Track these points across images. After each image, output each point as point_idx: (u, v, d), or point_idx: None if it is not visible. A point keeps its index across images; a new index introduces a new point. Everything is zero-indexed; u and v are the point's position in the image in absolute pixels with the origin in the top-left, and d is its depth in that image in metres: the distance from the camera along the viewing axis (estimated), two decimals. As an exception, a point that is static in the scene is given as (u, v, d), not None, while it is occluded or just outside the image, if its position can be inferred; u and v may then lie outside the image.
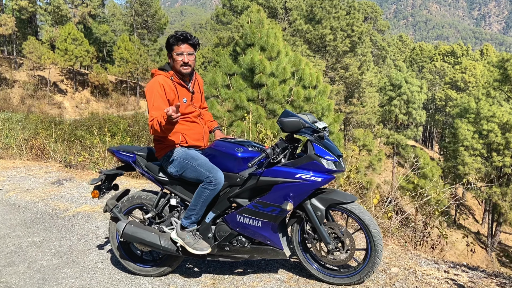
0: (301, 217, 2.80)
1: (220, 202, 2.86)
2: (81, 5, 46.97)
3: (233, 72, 11.08)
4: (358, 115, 38.23)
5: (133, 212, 3.26)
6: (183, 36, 2.82)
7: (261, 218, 2.73)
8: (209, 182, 2.71)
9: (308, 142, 2.66)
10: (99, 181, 3.12)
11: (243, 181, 2.78)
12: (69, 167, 8.23)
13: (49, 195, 6.10)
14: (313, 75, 10.92)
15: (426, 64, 66.03)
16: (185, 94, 2.93)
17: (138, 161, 3.06)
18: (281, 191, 2.63)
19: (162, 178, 2.98)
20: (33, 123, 21.59)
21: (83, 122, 27.54)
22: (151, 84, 2.82)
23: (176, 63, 2.86)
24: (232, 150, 2.81)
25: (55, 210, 5.28)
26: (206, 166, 2.76)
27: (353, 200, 2.65)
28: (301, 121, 2.59)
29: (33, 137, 10.92)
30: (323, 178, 2.59)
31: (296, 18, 34.44)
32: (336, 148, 2.69)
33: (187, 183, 2.90)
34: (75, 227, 4.50)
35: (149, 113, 2.77)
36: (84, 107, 40.26)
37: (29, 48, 38.12)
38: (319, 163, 2.59)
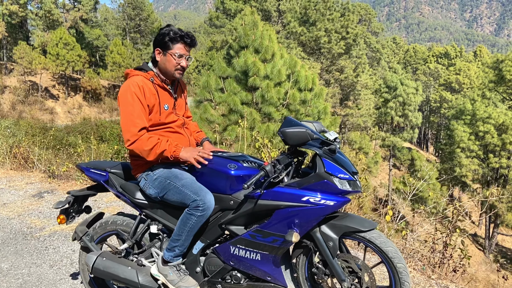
0: (309, 248, 2.30)
1: (210, 230, 2.36)
2: (72, 10, 46.39)
3: (227, 75, 10.78)
4: (353, 118, 37.96)
5: (108, 239, 2.76)
6: (191, 39, 2.38)
7: (260, 250, 2.23)
8: (196, 207, 2.22)
9: (316, 156, 2.17)
10: (66, 203, 2.61)
11: (238, 204, 2.28)
12: (52, 178, 7.73)
13: (27, 210, 5.59)
14: (309, 77, 10.63)
15: (420, 66, 66.12)
16: (167, 99, 2.44)
17: (111, 180, 2.54)
18: (285, 217, 2.14)
19: (140, 201, 2.47)
20: (23, 129, 21.01)
21: (74, 128, 26.97)
22: (128, 86, 2.29)
23: (171, 64, 2.36)
24: (224, 167, 2.31)
25: (30, 228, 4.77)
26: (192, 187, 2.27)
27: (373, 227, 2.15)
28: (308, 132, 2.10)
29: (17, 145, 10.37)
30: (336, 202, 2.10)
31: (290, 20, 34.16)
32: (350, 164, 2.20)
33: (170, 206, 2.41)
34: (49, 250, 3.99)
35: (128, 121, 2.26)
36: (76, 113, 39.60)
37: (20, 53, 37.46)
38: (330, 182, 2.10)
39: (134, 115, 2.26)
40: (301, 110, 10.67)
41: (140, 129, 2.27)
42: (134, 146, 2.28)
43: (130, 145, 2.28)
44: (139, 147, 2.27)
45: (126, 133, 2.27)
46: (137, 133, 2.26)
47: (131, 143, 2.27)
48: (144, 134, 2.29)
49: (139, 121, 2.27)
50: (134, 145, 2.27)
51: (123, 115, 2.29)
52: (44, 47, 41.98)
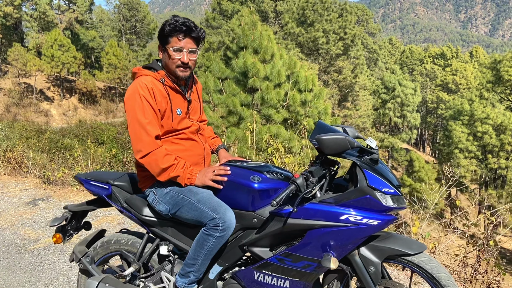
0: (345, 273, 1.99)
1: (229, 251, 2.05)
2: (67, 11, 45.98)
3: (226, 76, 10.60)
4: (352, 119, 37.79)
5: (111, 260, 2.44)
6: (186, 26, 1.99)
7: (289, 276, 1.92)
8: (215, 226, 1.91)
9: (356, 167, 1.88)
10: (62, 220, 2.29)
11: (262, 223, 1.97)
12: (47, 183, 7.41)
13: (20, 219, 5.28)
14: (309, 78, 10.47)
15: (416, 67, 66.20)
16: (180, 103, 2.12)
17: (114, 195, 2.23)
18: (319, 239, 1.83)
19: (148, 218, 2.15)
20: (18, 132, 20.61)
21: (70, 130, 26.59)
22: (136, 87, 1.97)
23: (171, 62, 2.03)
24: (246, 180, 1.98)
25: (24, 240, 4.47)
26: (210, 202, 1.96)
27: (422, 250, 1.85)
28: (348, 139, 1.78)
29: (11, 149, 10.02)
30: (381, 221, 1.79)
31: (287, 21, 33.97)
32: (393, 176, 1.90)
33: (184, 224, 2.10)
34: (44, 266, 3.68)
35: (139, 129, 1.95)
36: (71, 115, 39.18)
37: (14, 55, 37.03)
38: (374, 198, 1.79)
39: (146, 121, 1.95)
40: (301, 111, 10.49)
41: (154, 137, 1.96)
42: (146, 160, 1.97)
43: (143, 158, 1.96)
44: (152, 162, 1.96)
45: (138, 143, 1.95)
46: (153, 143, 1.94)
47: (144, 155, 1.95)
48: (161, 147, 1.98)
49: (152, 128, 1.95)
50: (147, 159, 1.96)
51: (132, 122, 1.96)
52: (39, 49, 41.56)
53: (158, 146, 1.97)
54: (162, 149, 1.98)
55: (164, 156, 1.96)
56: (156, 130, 1.98)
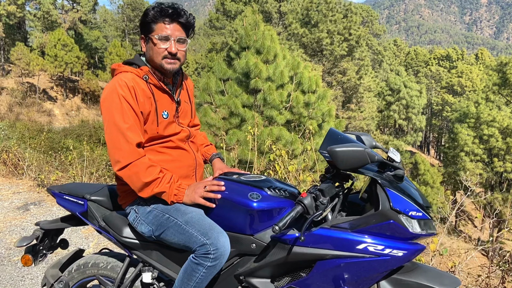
0: None
1: (222, 281, 1.73)
2: (71, 11, 45.92)
3: (228, 77, 10.40)
4: (356, 121, 37.52)
5: (88, 285, 2.13)
6: (173, 9, 1.70)
7: None
8: (206, 254, 1.58)
9: (376, 185, 1.56)
10: (33, 240, 1.99)
11: (262, 249, 1.66)
12: (41, 187, 7.15)
13: (9, 225, 5.01)
14: (312, 79, 10.24)
15: (421, 69, 65.82)
16: (167, 104, 1.80)
17: (91, 212, 1.91)
18: (331, 271, 1.52)
19: (129, 240, 1.84)
20: (19, 132, 20.44)
21: (72, 130, 26.45)
22: (113, 87, 1.66)
23: (156, 52, 1.72)
24: (244, 198, 1.65)
25: (9, 250, 4.19)
26: (200, 225, 1.63)
27: (456, 285, 1.54)
28: (368, 151, 1.44)
29: (7, 150, 9.77)
30: (407, 251, 1.47)
31: (291, 21, 33.73)
32: (420, 195, 1.58)
33: (170, 248, 1.79)
34: (25, 281, 3.38)
35: (118, 135, 1.63)
36: (74, 115, 39.10)
37: (18, 55, 36.98)
38: (399, 224, 1.47)
39: (126, 127, 1.64)
40: (305, 113, 10.25)
41: (136, 144, 1.65)
42: (125, 173, 1.66)
43: (121, 170, 1.65)
44: (133, 175, 1.65)
45: (116, 152, 1.65)
46: (133, 152, 1.64)
47: (123, 166, 1.65)
48: (144, 157, 1.68)
49: (133, 135, 1.65)
50: (126, 171, 1.65)
51: (109, 127, 1.66)
52: (42, 48, 41.53)
53: (140, 156, 1.66)
54: (144, 159, 1.67)
55: (147, 168, 1.65)
56: (138, 137, 1.67)
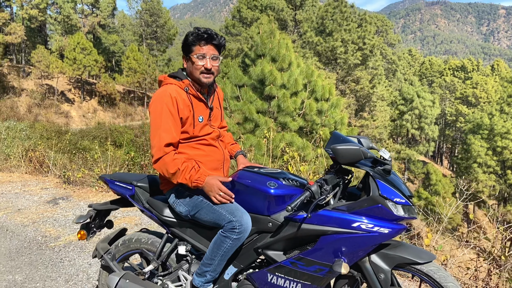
0: (355, 279, 2.06)
1: (244, 254, 2.14)
2: (91, 15, 47.02)
3: (243, 83, 10.70)
4: (369, 129, 37.53)
5: (131, 258, 2.55)
6: (208, 34, 2.13)
7: (302, 279, 2.00)
8: (232, 229, 2.01)
9: (369, 177, 1.95)
10: (87, 218, 2.42)
11: (277, 227, 2.06)
12: (67, 183, 7.61)
13: (41, 217, 5.45)
14: (326, 87, 10.49)
15: (436, 79, 65.43)
16: (202, 110, 2.23)
17: (137, 195, 2.35)
18: (331, 245, 1.91)
19: (168, 219, 2.27)
20: (38, 132, 21.15)
21: (89, 132, 27.13)
22: (160, 96, 2.10)
23: (195, 69, 2.15)
24: (263, 185, 2.08)
25: (45, 237, 4.62)
26: (228, 206, 2.07)
27: (431, 259, 1.91)
28: (362, 149, 1.87)
29: (32, 149, 10.31)
30: (391, 229, 1.86)
31: (306, 30, 34.07)
32: (405, 186, 1.97)
33: (202, 226, 2.21)
34: (64, 263, 3.81)
35: (155, 135, 2.07)
36: (91, 117, 39.93)
37: (38, 57, 38.00)
38: (385, 208, 1.86)
39: (162, 129, 2.07)
40: (317, 120, 10.50)
41: (166, 144, 2.07)
42: (157, 165, 2.09)
43: (155, 163, 2.09)
44: (162, 167, 2.08)
45: (152, 148, 2.09)
46: (162, 148, 2.06)
47: (155, 160, 2.08)
48: (170, 152, 2.08)
49: (166, 136, 2.07)
50: (158, 164, 2.08)
51: (151, 128, 2.10)
52: (61, 52, 42.57)
53: (166, 153, 2.07)
54: (170, 155, 2.07)
55: (172, 161, 2.06)
56: (171, 137, 2.08)
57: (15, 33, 36.81)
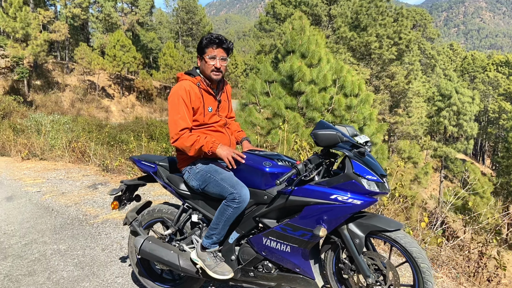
0: (336, 244, 2.43)
1: (245, 222, 2.55)
2: (130, 13, 48.58)
3: (273, 79, 10.88)
4: (403, 126, 36.84)
5: (154, 226, 3.03)
6: (219, 39, 2.59)
7: (290, 242, 2.39)
8: (233, 199, 2.42)
9: (346, 158, 2.30)
10: (119, 191, 2.92)
11: (271, 199, 2.45)
12: (106, 171, 8.26)
13: (82, 199, 6.06)
14: (355, 83, 10.50)
15: (478, 74, 63.00)
16: (211, 102, 2.68)
17: (159, 172, 2.82)
18: (313, 213, 2.29)
19: (183, 192, 2.72)
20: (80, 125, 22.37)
21: (127, 126, 28.32)
22: (177, 89, 2.57)
23: (207, 67, 2.61)
24: (260, 165, 2.48)
25: (85, 216, 5.20)
26: (230, 181, 2.48)
27: (399, 228, 2.25)
28: (338, 134, 2.23)
29: (76, 140, 11.14)
30: (363, 201, 2.22)
31: (340, 25, 33.81)
32: (379, 167, 2.31)
33: (210, 198, 2.63)
34: (101, 236, 4.36)
35: (173, 121, 2.52)
36: (129, 111, 41.41)
37: (81, 54, 39.76)
38: (358, 183, 2.22)
39: (178, 116, 2.51)
40: (346, 116, 10.58)
41: (181, 129, 2.51)
42: (177, 143, 2.53)
43: (174, 142, 2.53)
44: (181, 144, 2.52)
45: (171, 132, 2.54)
46: (178, 132, 2.50)
47: (174, 140, 2.52)
48: (185, 132, 2.52)
49: (182, 122, 2.51)
50: (177, 143, 2.52)
51: (169, 115, 2.54)
52: (102, 49, 44.24)
53: (183, 134, 2.52)
54: (186, 133, 2.52)
55: (188, 137, 2.51)
56: (186, 124, 2.52)
57: (59, 31, 38.53)
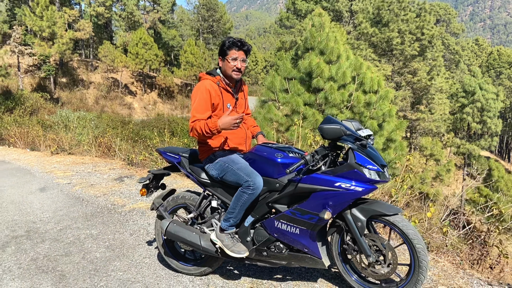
0: (341, 227, 2.70)
1: (259, 207, 2.84)
2: (152, 11, 49.40)
3: (292, 76, 10.99)
4: (425, 123, 36.39)
5: (178, 211, 3.36)
6: (240, 42, 2.88)
7: (299, 225, 2.67)
8: (248, 186, 2.71)
9: (349, 150, 2.55)
10: (147, 180, 3.26)
11: (282, 187, 2.73)
12: (131, 165, 8.68)
13: (110, 190, 6.45)
14: (374, 79, 10.51)
15: (504, 70, 61.42)
16: (230, 99, 2.97)
17: (182, 163, 3.14)
18: (320, 199, 2.56)
19: (204, 180, 3.04)
20: (105, 122, 23.07)
21: (149, 123, 28.99)
22: (198, 87, 2.88)
23: (228, 68, 2.89)
24: (272, 156, 2.77)
25: (114, 205, 5.58)
26: (246, 170, 2.77)
27: (397, 212, 2.51)
28: (342, 128, 2.50)
29: (102, 136, 11.64)
30: (364, 188, 2.48)
31: (361, 21, 33.60)
32: (380, 157, 2.56)
33: (228, 186, 2.93)
34: (129, 222, 4.72)
35: (192, 115, 2.82)
36: (151, 108, 42.21)
37: (104, 52, 40.68)
38: (360, 172, 2.48)
39: (196, 110, 2.81)
40: (365, 113, 10.64)
41: (194, 120, 2.78)
42: (192, 133, 2.82)
43: (190, 132, 2.84)
44: (194, 132, 2.80)
45: (190, 123, 2.84)
46: (191, 123, 2.80)
47: (190, 129, 2.83)
48: (196, 122, 2.77)
49: (198, 115, 2.79)
50: (192, 132, 2.82)
51: (191, 109, 2.86)
52: (125, 47, 45.14)
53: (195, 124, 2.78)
54: (196, 122, 2.76)
55: (197, 125, 2.76)
56: (200, 115, 2.78)
57: (83, 30, 39.51)
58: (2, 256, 3.83)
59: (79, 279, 3.29)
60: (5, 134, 14.60)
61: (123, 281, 3.22)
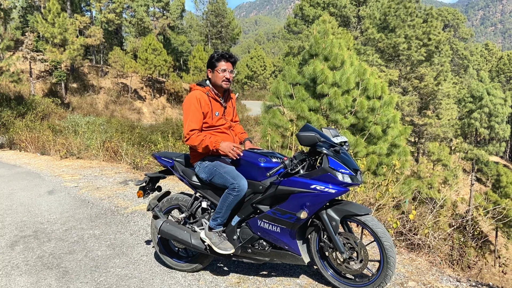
0: (318, 226, 2.94)
1: (244, 208, 3.09)
2: (161, 18, 50.03)
3: (297, 82, 11.14)
4: (432, 128, 36.30)
5: (172, 212, 3.62)
6: (228, 55, 3.15)
7: (280, 224, 2.91)
8: (233, 189, 2.96)
9: (324, 155, 2.80)
10: (143, 182, 3.52)
11: (265, 189, 2.98)
12: (136, 169, 8.97)
13: (115, 193, 6.74)
14: (378, 85, 10.60)
15: (515, 75, 60.98)
16: (218, 108, 3.22)
17: (176, 167, 3.40)
18: (297, 200, 2.81)
19: (195, 183, 3.29)
20: (114, 126, 23.46)
21: (158, 127, 29.36)
22: (189, 97, 3.13)
23: (218, 78, 3.14)
24: (256, 160, 3.03)
25: (117, 207, 5.86)
26: (232, 173, 3.01)
27: (368, 212, 2.74)
28: (317, 136, 2.75)
29: (109, 140, 11.97)
30: (337, 190, 2.72)
31: (368, 26, 33.74)
32: (353, 162, 2.80)
33: (216, 188, 3.18)
34: (130, 223, 4.99)
35: (186, 124, 3.06)
36: (160, 113, 42.67)
37: (114, 58, 41.31)
38: (333, 175, 2.72)
39: (189, 120, 3.06)
40: (370, 118, 10.75)
41: (191, 129, 3.05)
42: (188, 142, 3.09)
43: (186, 141, 3.11)
44: (191, 142, 3.08)
45: (184, 132, 3.13)
46: (189, 132, 3.06)
47: (186, 139, 3.09)
48: (194, 133, 3.05)
49: (192, 124, 3.06)
50: (188, 141, 3.08)
51: (184, 119, 3.13)
52: (135, 52, 45.73)
53: (192, 134, 3.05)
54: (195, 133, 3.06)
55: (197, 136, 3.06)
56: (195, 125, 3.07)
57: (94, 36, 40.18)
58: (11, 254, 4.11)
59: (80, 275, 3.56)
60: (16, 138, 15.03)
61: (121, 277, 3.48)
